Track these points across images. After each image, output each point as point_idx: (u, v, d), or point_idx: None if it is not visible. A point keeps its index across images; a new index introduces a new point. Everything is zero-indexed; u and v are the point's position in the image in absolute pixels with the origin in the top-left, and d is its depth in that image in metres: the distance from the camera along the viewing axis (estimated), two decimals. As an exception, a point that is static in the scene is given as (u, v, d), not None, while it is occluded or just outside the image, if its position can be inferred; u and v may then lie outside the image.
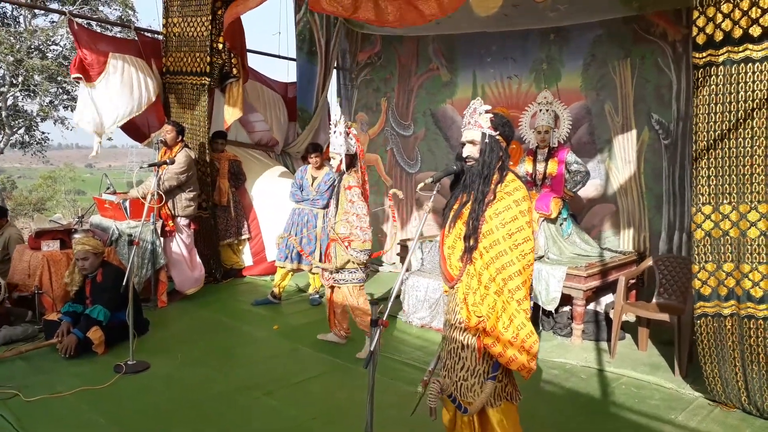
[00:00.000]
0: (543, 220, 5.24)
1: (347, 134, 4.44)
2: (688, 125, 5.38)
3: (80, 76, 5.96)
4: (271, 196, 7.06)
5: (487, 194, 2.44)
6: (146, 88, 6.36)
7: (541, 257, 5.11)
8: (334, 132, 4.45)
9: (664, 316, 4.35)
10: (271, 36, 8.74)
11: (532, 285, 2.54)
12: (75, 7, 16.54)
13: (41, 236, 5.35)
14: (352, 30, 7.95)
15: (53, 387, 3.83)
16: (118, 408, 3.62)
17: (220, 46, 6.31)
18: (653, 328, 4.74)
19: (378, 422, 2.37)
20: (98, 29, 12.48)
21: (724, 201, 3.51)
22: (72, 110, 17.99)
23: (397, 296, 4.86)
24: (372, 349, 2.15)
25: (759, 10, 3.30)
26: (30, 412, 3.51)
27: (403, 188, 7.73)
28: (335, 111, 4.61)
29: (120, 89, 6.11)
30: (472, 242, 2.42)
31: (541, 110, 5.36)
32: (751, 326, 3.48)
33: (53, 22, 17.57)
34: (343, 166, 4.47)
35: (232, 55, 6.47)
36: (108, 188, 6.09)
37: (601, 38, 5.96)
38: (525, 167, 5.45)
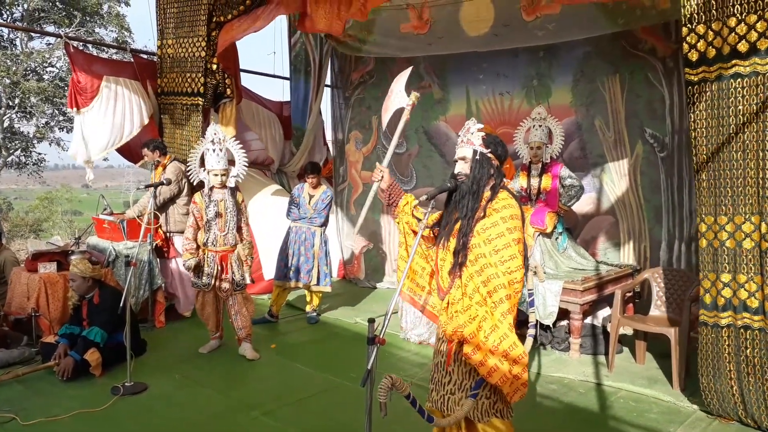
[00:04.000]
0: (538, 235, 5.26)
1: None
2: (683, 138, 5.44)
3: (77, 109, 6.04)
4: (268, 214, 7.07)
5: (477, 210, 2.46)
6: (139, 112, 6.38)
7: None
8: (214, 150, 4.73)
9: (661, 329, 4.36)
10: (266, 56, 8.84)
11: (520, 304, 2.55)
12: (71, 29, 16.66)
13: (38, 258, 5.34)
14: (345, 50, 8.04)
15: (50, 410, 3.81)
16: (116, 430, 3.60)
17: (214, 66, 6.36)
18: (650, 341, 4.74)
19: (376, 440, 2.37)
20: (94, 51, 12.58)
21: (721, 213, 3.56)
22: (68, 131, 18.06)
23: (395, 313, 4.87)
24: (369, 366, 2.16)
25: (745, 27, 3.37)
26: (27, 436, 3.49)
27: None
28: (215, 130, 4.79)
29: (111, 115, 6.14)
30: (461, 258, 2.45)
31: (534, 126, 5.41)
32: (747, 337, 3.50)
33: (49, 44, 17.69)
34: (232, 183, 4.87)
35: (226, 75, 6.53)
36: (105, 209, 6.11)
37: (590, 55, 6.03)
38: (519, 182, 5.49)
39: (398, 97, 2.97)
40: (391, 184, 2.80)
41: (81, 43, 10.79)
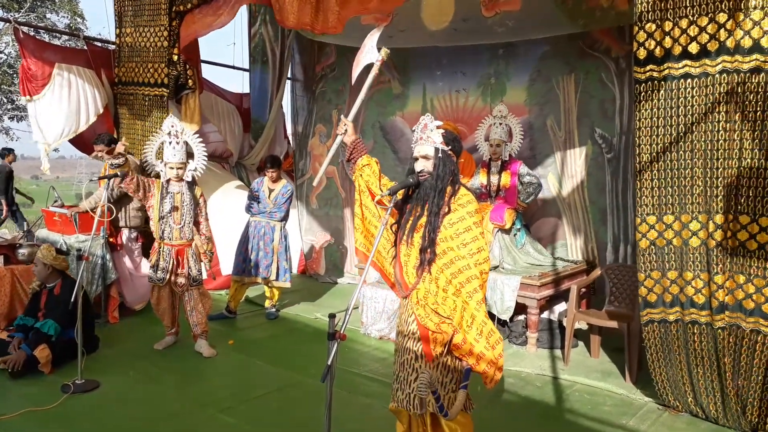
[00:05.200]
0: (497, 231, 5.33)
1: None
2: (631, 139, 5.56)
3: (30, 97, 5.81)
4: (226, 208, 6.96)
5: (442, 207, 2.49)
6: (93, 101, 6.20)
7: (495, 267, 5.20)
8: (171, 143, 4.63)
9: (615, 324, 4.48)
10: (225, 47, 8.68)
11: (486, 296, 2.60)
12: (21, 14, 16.04)
13: (-16, 252, 5.15)
14: (308, 41, 7.96)
15: (-3, 409, 3.68)
16: (67, 429, 3.50)
17: (175, 57, 6.22)
18: (604, 336, 4.86)
19: (336, 436, 2.36)
20: (46, 38, 12.15)
21: (667, 211, 3.65)
22: (18, 120, 17.41)
23: (356, 308, 4.88)
24: (329, 362, 2.15)
25: (697, 28, 3.47)
26: (-29, 436, 3.36)
27: (354, 201, 7.70)
28: (172, 122, 4.71)
29: (66, 103, 5.94)
30: (429, 254, 2.47)
31: (495, 123, 5.47)
32: (695, 331, 3.62)
33: (-3, 29, 16.98)
34: (189, 177, 4.79)
35: (188, 66, 6.39)
36: (55, 201, 5.92)
37: (547, 54, 6.09)
38: (480, 179, 5.55)
39: (370, 52, 2.97)
40: (354, 140, 2.81)
41: (32, 29, 10.40)
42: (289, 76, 8.28)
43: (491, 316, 5.04)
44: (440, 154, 2.55)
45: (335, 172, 7.90)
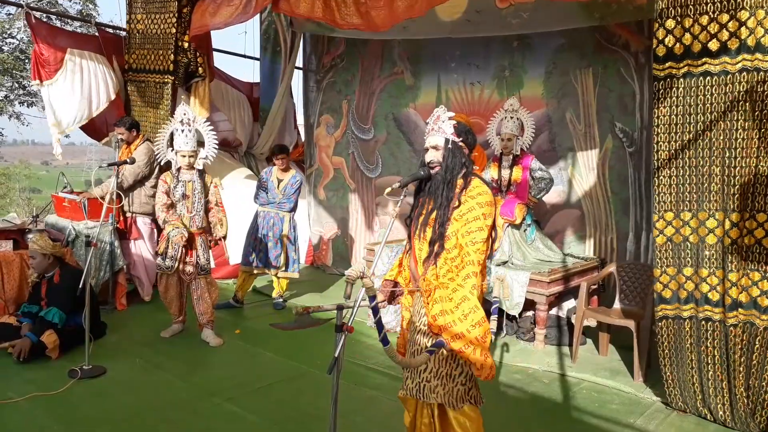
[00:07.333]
0: (507, 226, 5.29)
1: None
2: (652, 133, 5.48)
3: (40, 81, 5.80)
4: (235, 198, 6.94)
5: (452, 200, 2.45)
6: (105, 87, 6.19)
7: (505, 262, 5.16)
8: (183, 131, 4.61)
9: (624, 322, 4.43)
10: (237, 35, 8.64)
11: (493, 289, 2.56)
12: (33, -1, 16.06)
13: (-7, 236, 5.15)
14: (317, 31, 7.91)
15: (4, 393, 3.69)
16: (72, 414, 3.50)
17: (186, 45, 6.20)
18: (614, 333, 4.82)
19: (342, 428, 2.35)
20: (58, 23, 12.17)
21: (684, 208, 3.61)
22: (28, 105, 17.44)
23: (363, 300, 4.84)
24: (336, 354, 2.13)
25: (717, 25, 3.40)
26: (-22, 419, 3.37)
27: (363, 193, 7.70)
28: (185, 110, 4.68)
29: (79, 89, 5.94)
30: (437, 247, 2.44)
31: (506, 117, 5.42)
32: (708, 328, 3.58)
33: (9, 14, 16.99)
34: (200, 165, 4.78)
35: (198, 54, 6.36)
36: (65, 187, 5.92)
37: (564, 47, 6.00)
38: (490, 173, 5.50)
39: None
40: (388, 289, 2.78)
41: (43, 15, 10.40)
42: (299, 66, 8.24)
43: (500, 311, 5.02)
44: (450, 145, 2.51)
45: (343, 164, 7.87)
